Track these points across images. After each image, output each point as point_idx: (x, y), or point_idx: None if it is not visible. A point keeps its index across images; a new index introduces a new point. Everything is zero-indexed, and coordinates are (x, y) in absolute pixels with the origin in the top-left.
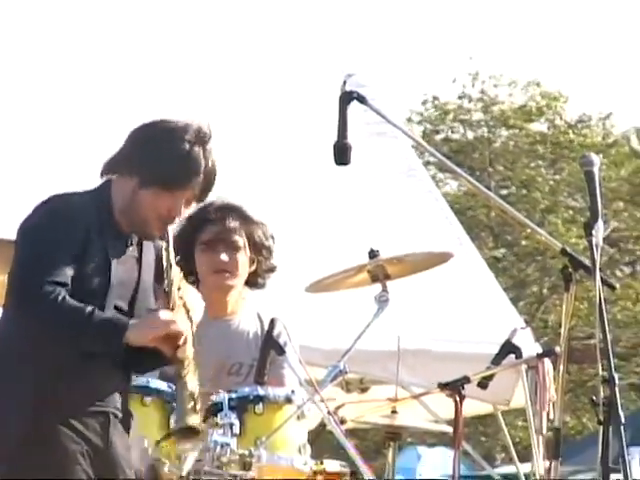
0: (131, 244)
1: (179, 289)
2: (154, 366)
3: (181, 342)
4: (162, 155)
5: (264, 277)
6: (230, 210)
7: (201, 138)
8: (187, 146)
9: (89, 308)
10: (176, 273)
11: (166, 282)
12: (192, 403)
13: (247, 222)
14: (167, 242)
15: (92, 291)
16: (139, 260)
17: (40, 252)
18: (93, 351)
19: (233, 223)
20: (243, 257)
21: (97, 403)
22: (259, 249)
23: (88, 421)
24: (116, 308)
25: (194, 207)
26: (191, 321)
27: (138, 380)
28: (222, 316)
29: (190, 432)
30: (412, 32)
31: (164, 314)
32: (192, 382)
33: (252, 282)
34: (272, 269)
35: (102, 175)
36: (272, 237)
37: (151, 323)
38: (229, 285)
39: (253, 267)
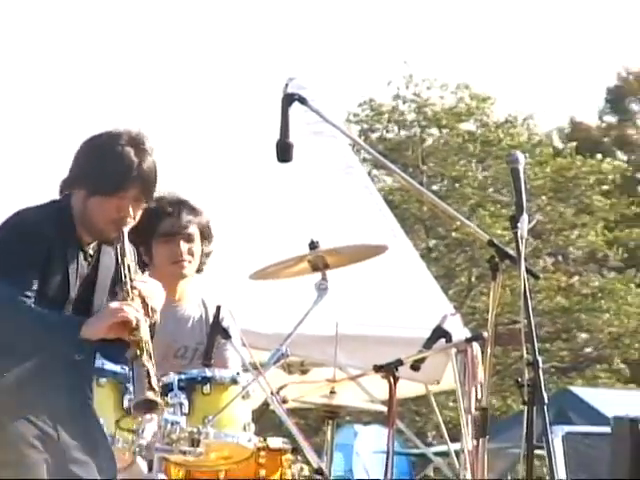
0: (90, 257)
1: (132, 280)
2: (121, 355)
3: (133, 325)
4: (99, 163)
5: (205, 262)
6: (183, 204)
7: (133, 140)
8: (119, 149)
9: (46, 310)
10: (130, 268)
11: (121, 276)
12: (149, 380)
13: (197, 214)
14: (122, 241)
15: (51, 304)
16: (96, 267)
17: (6, 266)
18: (52, 350)
19: (187, 216)
20: (198, 247)
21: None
22: (205, 238)
23: (39, 415)
24: None
25: (146, 205)
26: (148, 308)
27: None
28: (170, 302)
29: (149, 405)
30: (350, 38)
31: (113, 304)
32: (148, 362)
33: (198, 268)
34: (209, 254)
35: (60, 193)
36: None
37: (102, 315)
38: (185, 274)
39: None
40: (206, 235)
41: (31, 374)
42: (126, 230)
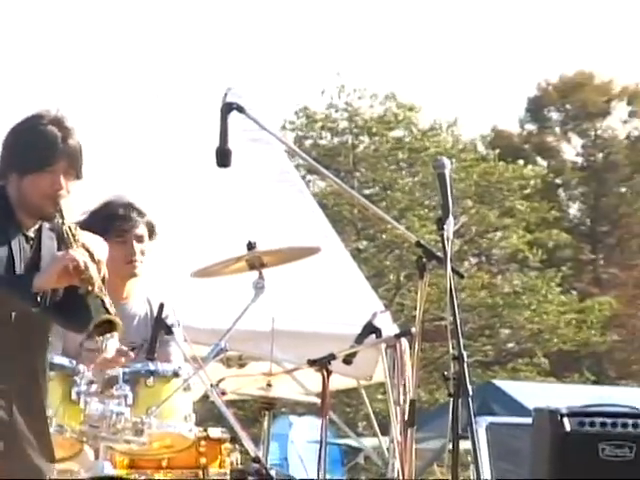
0: (32, 239)
1: (75, 236)
2: (77, 305)
3: (82, 266)
4: (25, 144)
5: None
6: (131, 206)
7: (54, 119)
8: (42, 128)
9: None
10: (71, 228)
11: (63, 236)
12: (104, 306)
13: (144, 216)
14: (60, 213)
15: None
16: (39, 249)
17: None
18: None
19: (137, 218)
20: (147, 247)
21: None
22: (150, 238)
23: None
24: None
25: (79, 184)
26: (93, 256)
27: None
28: (118, 300)
29: (108, 326)
30: (287, 49)
31: (59, 253)
32: (101, 294)
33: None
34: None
35: None
36: (154, 226)
37: (50, 264)
38: (137, 274)
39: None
40: (151, 235)
41: None
42: (62, 202)
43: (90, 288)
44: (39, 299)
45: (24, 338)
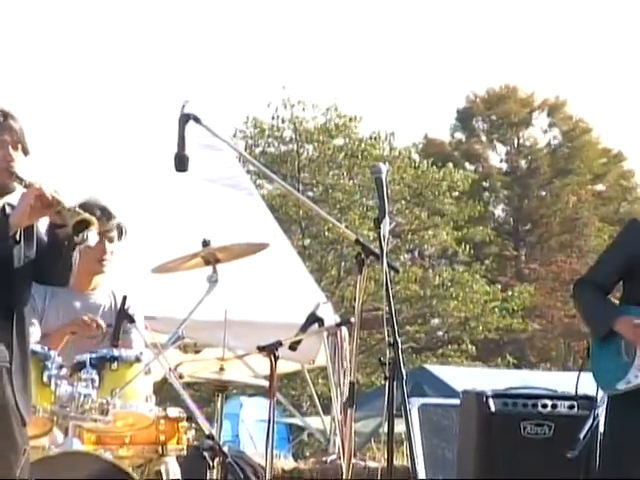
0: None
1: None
2: (57, 250)
3: (50, 195)
4: None
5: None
6: (105, 209)
7: None
8: None
9: None
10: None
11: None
12: (76, 211)
13: (115, 218)
14: (19, 178)
15: None
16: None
17: None
18: None
19: (111, 221)
20: (116, 247)
21: None
22: (119, 239)
23: None
24: None
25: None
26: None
27: None
28: (85, 291)
29: (84, 223)
30: (236, 65)
31: (29, 189)
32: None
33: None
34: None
35: None
36: (125, 228)
37: (20, 202)
38: (105, 272)
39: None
40: (120, 236)
41: None
42: (17, 170)
43: (62, 206)
44: (17, 239)
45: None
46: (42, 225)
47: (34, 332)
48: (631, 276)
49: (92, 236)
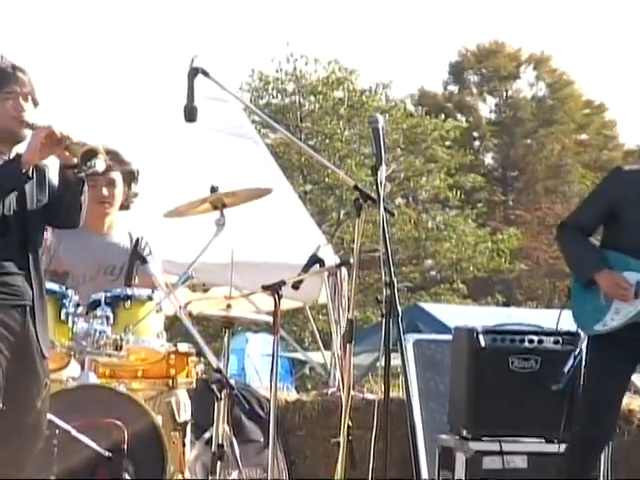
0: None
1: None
2: (68, 190)
3: (59, 134)
4: None
5: (132, 201)
6: (109, 153)
7: (3, 59)
8: None
9: None
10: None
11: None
12: (84, 144)
13: (121, 163)
14: (31, 127)
15: None
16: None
17: None
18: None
19: (111, 164)
20: (119, 191)
21: (13, 298)
22: (129, 182)
23: (9, 312)
24: None
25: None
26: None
27: None
28: (101, 232)
29: (91, 152)
30: (242, 22)
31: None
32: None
33: (123, 206)
34: (136, 194)
35: None
36: (137, 172)
37: (30, 141)
38: (107, 213)
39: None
40: (128, 180)
41: None
42: (27, 119)
43: (70, 141)
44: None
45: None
46: (53, 173)
47: None
48: (611, 221)
49: (99, 164)
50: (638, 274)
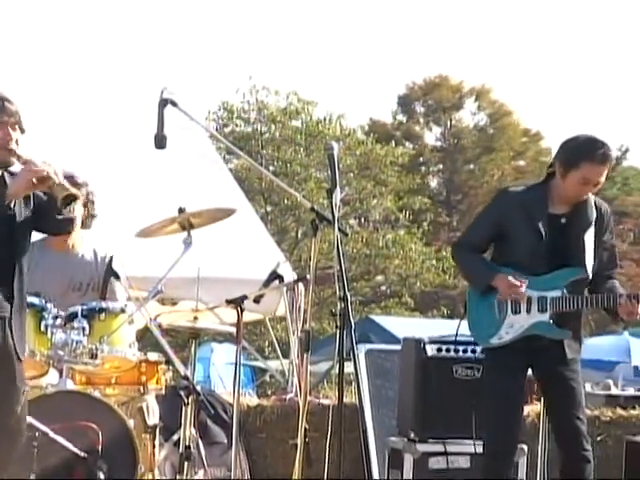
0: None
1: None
2: (54, 208)
3: (45, 174)
4: None
5: (91, 222)
6: (65, 177)
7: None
8: None
9: None
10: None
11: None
12: (65, 188)
13: (76, 186)
14: (17, 155)
15: None
16: (5, 186)
17: None
18: None
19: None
20: (78, 212)
21: None
22: (85, 204)
23: None
24: None
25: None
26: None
27: None
28: (66, 250)
29: (71, 198)
30: (209, 56)
31: (26, 166)
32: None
33: (84, 225)
34: (94, 216)
35: None
36: (93, 194)
37: (19, 175)
38: (69, 233)
39: (84, 212)
40: (85, 202)
41: None
42: (14, 147)
43: (52, 182)
44: (12, 213)
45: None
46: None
47: None
48: (499, 240)
49: (77, 208)
50: (527, 290)
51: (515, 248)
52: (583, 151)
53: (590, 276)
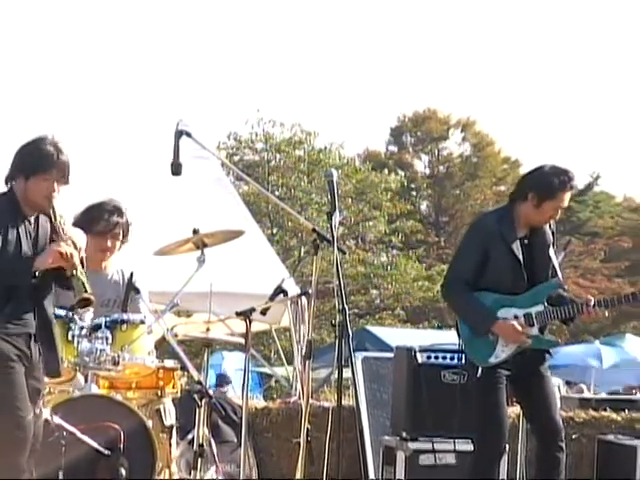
0: (32, 222)
1: (64, 231)
2: (61, 282)
3: (68, 255)
4: (30, 155)
5: (122, 246)
6: (117, 210)
7: (51, 141)
8: (44, 147)
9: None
10: (62, 222)
11: (56, 230)
12: (84, 286)
13: (123, 217)
14: (54, 210)
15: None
16: (37, 229)
17: None
18: (16, 283)
19: (118, 220)
20: (119, 242)
21: (18, 325)
22: (125, 235)
23: (16, 338)
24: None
25: (68, 188)
26: (76, 246)
27: None
28: (99, 271)
29: (85, 302)
30: (221, 91)
31: (53, 244)
32: (82, 276)
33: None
34: (127, 242)
35: (6, 183)
36: (131, 224)
37: (46, 251)
38: (106, 259)
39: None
40: (126, 233)
41: (4, 299)
42: (55, 201)
43: (74, 271)
44: (36, 275)
45: (39, 294)
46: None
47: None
48: (483, 266)
49: (88, 316)
50: (511, 309)
51: (496, 271)
52: (557, 183)
53: (565, 286)
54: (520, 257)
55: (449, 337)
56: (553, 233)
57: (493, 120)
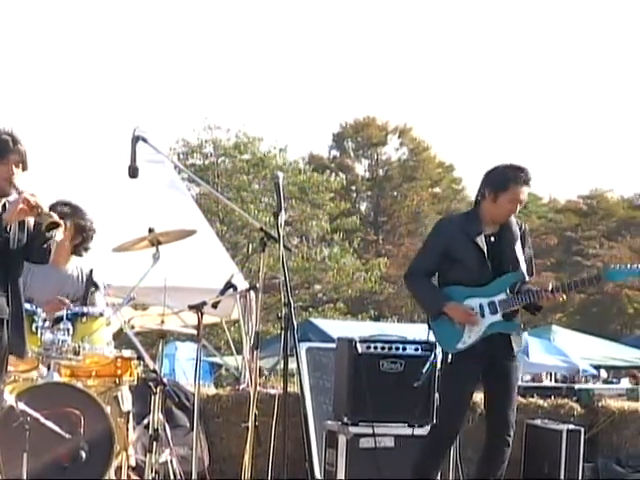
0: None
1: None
2: (39, 238)
3: (33, 203)
4: None
5: (82, 251)
6: (69, 206)
7: (7, 131)
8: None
9: None
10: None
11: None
12: (50, 215)
13: (76, 216)
14: (16, 188)
15: None
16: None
17: None
18: None
19: (84, 217)
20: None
21: None
22: (80, 232)
23: None
24: None
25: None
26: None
27: None
28: (58, 265)
29: (53, 224)
30: (171, 99)
31: (17, 197)
32: (48, 214)
33: (77, 252)
34: (87, 249)
35: None
36: (89, 228)
37: (10, 205)
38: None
39: (79, 240)
40: (80, 231)
41: None
42: (15, 182)
43: (40, 210)
44: (7, 236)
45: (11, 275)
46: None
47: None
48: (445, 263)
49: (59, 234)
50: (476, 298)
51: (462, 266)
52: (510, 176)
53: (527, 278)
54: (485, 249)
55: (387, 328)
56: (524, 232)
57: (429, 127)
